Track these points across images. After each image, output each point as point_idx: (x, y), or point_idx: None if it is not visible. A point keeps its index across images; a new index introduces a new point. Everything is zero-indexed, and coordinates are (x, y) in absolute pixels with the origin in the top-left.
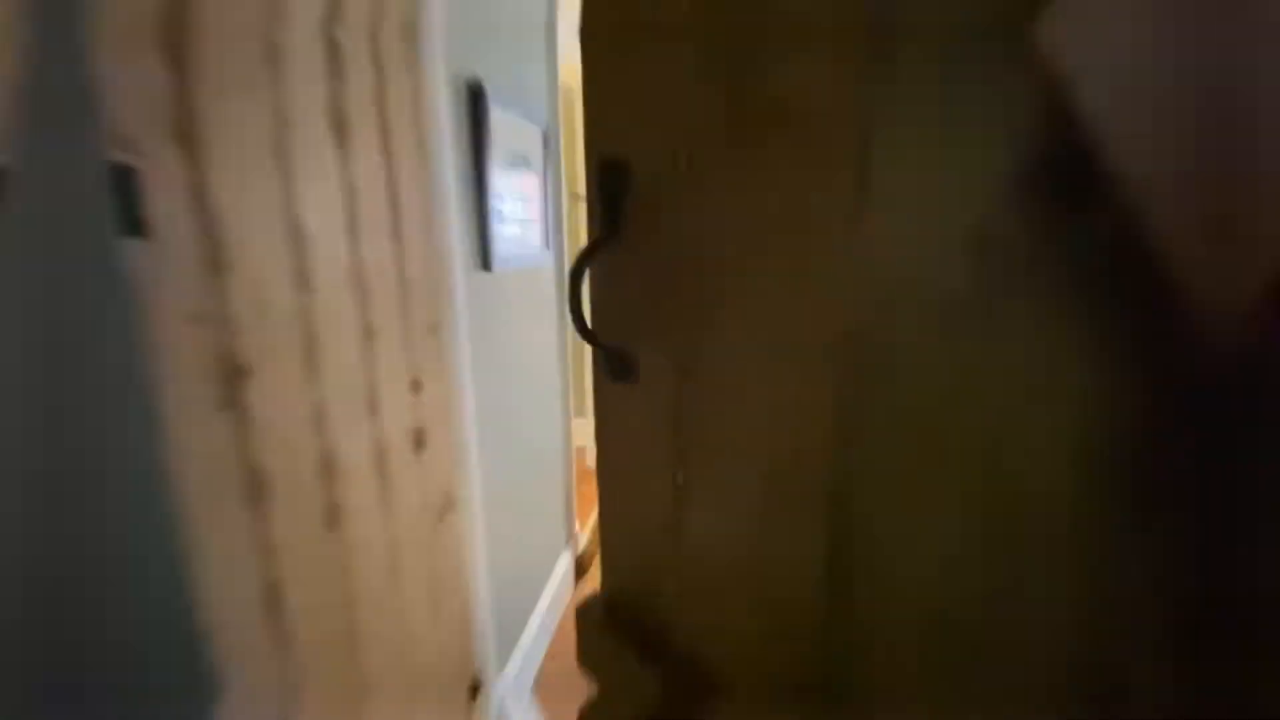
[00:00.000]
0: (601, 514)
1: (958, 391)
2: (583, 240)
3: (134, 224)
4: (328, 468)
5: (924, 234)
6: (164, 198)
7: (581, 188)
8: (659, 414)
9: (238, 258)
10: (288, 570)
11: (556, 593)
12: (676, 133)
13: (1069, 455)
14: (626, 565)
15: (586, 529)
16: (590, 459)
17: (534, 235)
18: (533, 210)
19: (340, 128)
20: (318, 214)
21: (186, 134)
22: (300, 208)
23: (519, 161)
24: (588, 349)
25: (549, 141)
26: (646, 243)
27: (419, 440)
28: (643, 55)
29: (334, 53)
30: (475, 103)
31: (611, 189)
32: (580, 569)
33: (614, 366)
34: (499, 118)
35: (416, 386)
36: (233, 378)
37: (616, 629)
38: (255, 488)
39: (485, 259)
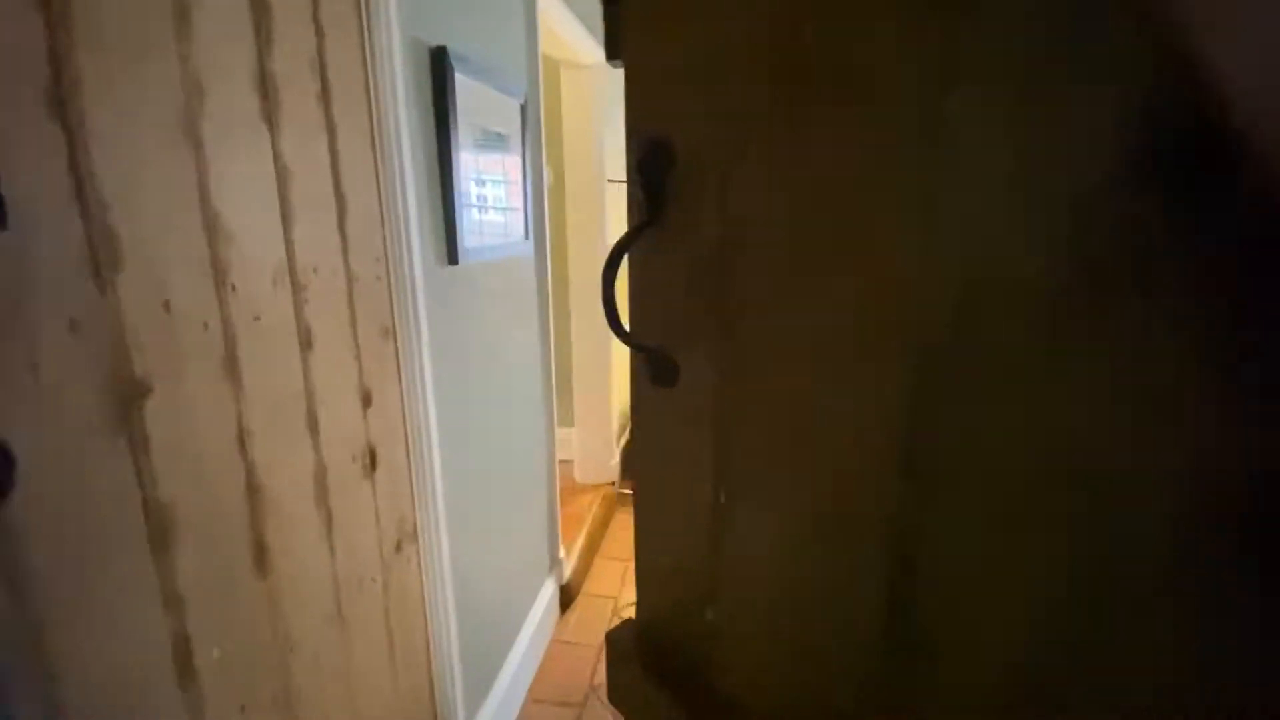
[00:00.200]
0: (637, 532)
1: (1052, 410)
2: (567, 231)
3: None
4: (254, 499)
5: (1015, 219)
6: (31, 179)
7: (564, 170)
8: (699, 423)
9: (132, 252)
10: (202, 623)
11: (539, 626)
12: (725, 107)
13: (1191, 495)
14: (661, 591)
15: (573, 554)
16: (577, 473)
17: (512, 223)
18: (510, 195)
19: (269, 97)
20: (239, 199)
21: (63, 100)
22: (216, 191)
23: (493, 140)
24: (573, 352)
25: (528, 117)
26: (689, 230)
27: (370, 461)
28: (688, 21)
29: (261, 7)
30: (439, 71)
31: (653, 171)
32: (566, 598)
33: (654, 368)
34: (468, 89)
35: (367, 400)
36: (128, 397)
37: (649, 662)
38: (158, 528)
39: (452, 251)
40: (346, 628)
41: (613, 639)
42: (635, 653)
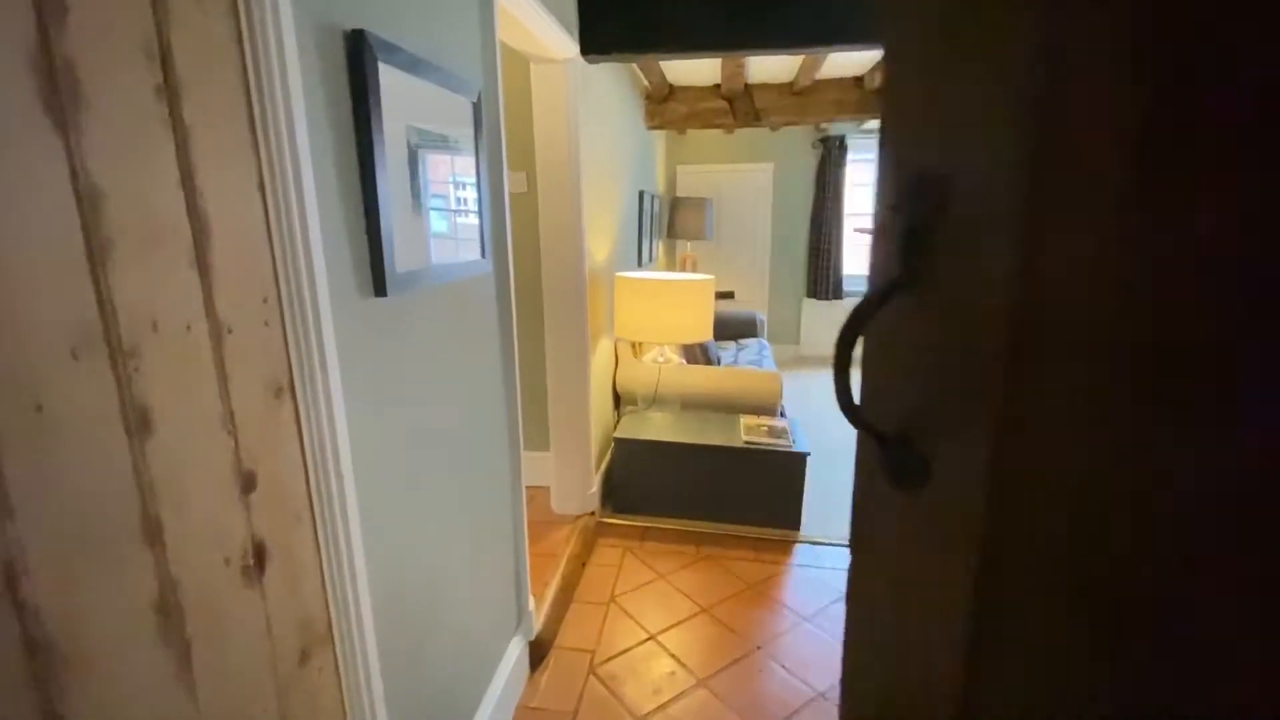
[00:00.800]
0: (848, 634)
1: None
2: (540, 241)
3: None
4: (37, 662)
5: None
6: None
7: (536, 176)
8: (955, 537)
9: None
10: None
11: (502, 696)
12: (1048, 139)
13: None
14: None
15: (545, 600)
16: (554, 501)
17: (464, 240)
18: (461, 208)
19: (60, 90)
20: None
21: None
22: None
23: (436, 144)
24: (548, 372)
25: (483, 118)
26: (963, 295)
27: (256, 560)
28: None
29: None
30: (356, 60)
31: (919, 215)
32: (536, 654)
33: (893, 461)
34: (398, 84)
35: (249, 483)
36: None
37: None
38: None
39: (378, 280)
40: None
41: None
42: None
